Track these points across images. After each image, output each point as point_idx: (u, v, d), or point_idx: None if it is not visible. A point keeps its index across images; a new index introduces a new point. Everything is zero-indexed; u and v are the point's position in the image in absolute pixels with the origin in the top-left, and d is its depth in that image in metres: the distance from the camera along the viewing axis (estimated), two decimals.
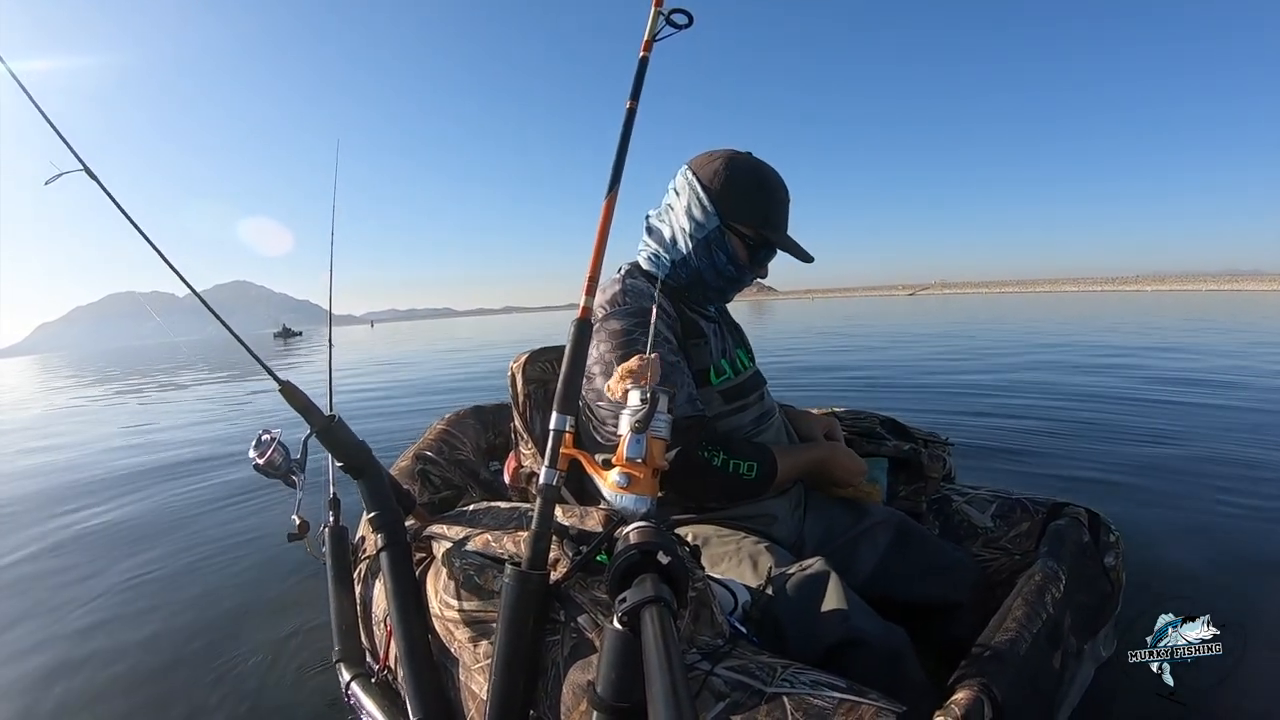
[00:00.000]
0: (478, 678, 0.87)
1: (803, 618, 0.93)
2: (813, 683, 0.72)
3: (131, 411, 8.02)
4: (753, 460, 1.12)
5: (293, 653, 1.69)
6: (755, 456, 1.13)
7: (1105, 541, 1.25)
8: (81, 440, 5.85)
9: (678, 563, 0.66)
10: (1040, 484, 2.67)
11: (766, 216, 1.20)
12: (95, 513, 3.25)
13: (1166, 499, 2.47)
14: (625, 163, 0.94)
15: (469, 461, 1.62)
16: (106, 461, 4.65)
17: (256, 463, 1.14)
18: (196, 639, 1.82)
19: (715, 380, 1.19)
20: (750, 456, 1.12)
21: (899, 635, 0.92)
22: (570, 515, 0.92)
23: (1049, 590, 1.00)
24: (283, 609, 1.95)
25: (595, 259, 0.89)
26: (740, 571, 1.06)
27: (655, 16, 0.95)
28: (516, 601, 0.79)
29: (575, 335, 0.89)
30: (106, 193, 1.03)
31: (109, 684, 1.62)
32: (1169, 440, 3.34)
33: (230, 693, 1.55)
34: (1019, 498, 1.38)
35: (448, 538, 1.02)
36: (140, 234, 1.04)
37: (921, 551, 1.19)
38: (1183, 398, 4.47)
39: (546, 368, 1.40)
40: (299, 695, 1.50)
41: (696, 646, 0.78)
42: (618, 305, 1.16)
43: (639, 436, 0.80)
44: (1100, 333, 10.77)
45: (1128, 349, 7.87)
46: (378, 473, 1.10)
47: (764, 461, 1.13)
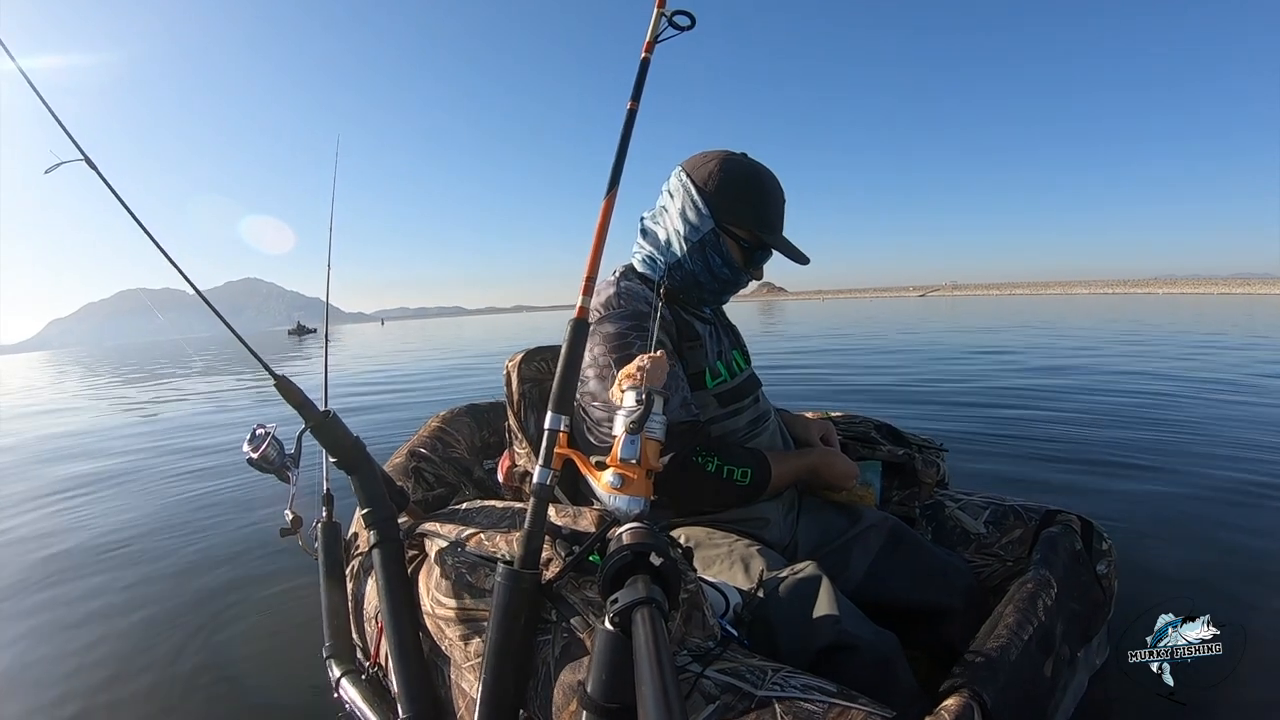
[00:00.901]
0: (468, 676, 0.87)
1: (794, 621, 0.92)
2: (803, 686, 0.72)
3: (129, 404, 7.99)
4: (747, 466, 1.12)
5: (283, 648, 1.69)
6: (749, 462, 1.12)
7: (1098, 549, 1.25)
8: (78, 429, 5.83)
9: (670, 564, 0.66)
10: (1042, 483, 2.68)
11: (762, 218, 1.20)
12: (86, 505, 3.24)
13: (1168, 497, 2.48)
14: (625, 163, 0.93)
15: (463, 459, 1.61)
16: (98, 453, 4.64)
17: (250, 457, 1.13)
18: (185, 632, 1.81)
19: (710, 383, 1.19)
20: (744, 462, 1.12)
21: (890, 640, 0.92)
22: (563, 515, 0.92)
23: (1041, 597, 1.00)
24: (273, 604, 1.94)
25: (593, 258, 0.89)
26: (732, 574, 1.05)
27: (657, 18, 0.95)
28: (508, 600, 0.78)
29: (571, 335, 0.89)
30: (105, 182, 1.03)
31: (97, 676, 1.61)
32: (1171, 439, 3.37)
33: (220, 687, 1.55)
34: (1012, 504, 1.38)
35: (441, 535, 1.02)
36: (139, 225, 1.03)
37: (914, 556, 1.19)
38: (1188, 399, 4.48)
39: (542, 367, 1.40)
40: (289, 691, 1.50)
41: (687, 648, 0.78)
42: (613, 308, 1.15)
43: (633, 437, 0.80)
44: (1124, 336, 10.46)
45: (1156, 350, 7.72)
46: (371, 469, 1.09)
47: (758, 467, 1.13)
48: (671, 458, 1.05)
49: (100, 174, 1.02)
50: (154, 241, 1.04)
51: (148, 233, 1.04)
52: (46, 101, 1.00)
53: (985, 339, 10.49)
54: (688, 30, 0.96)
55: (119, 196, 1.03)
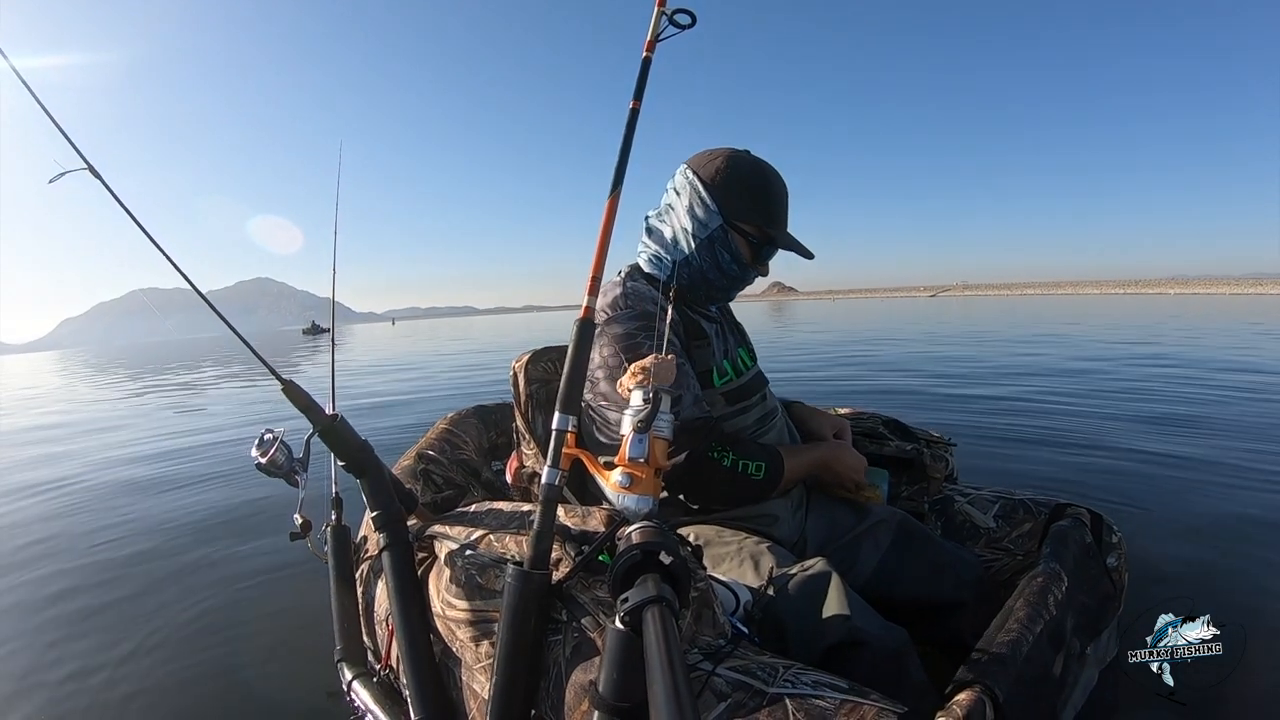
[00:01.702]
0: (480, 677, 0.87)
1: (804, 618, 0.92)
2: (814, 683, 0.72)
3: (130, 410, 8.03)
4: (760, 460, 1.12)
5: (294, 652, 1.69)
6: (763, 457, 1.13)
7: (1108, 542, 1.24)
8: (50, 424, 5.86)
9: (680, 563, 0.65)
10: (1046, 480, 2.67)
11: (769, 213, 1.20)
12: (88, 508, 3.25)
13: (1167, 498, 2.46)
14: (628, 163, 0.93)
15: (471, 461, 1.62)
16: (100, 454, 4.66)
17: (259, 461, 1.14)
18: (197, 634, 1.82)
19: (718, 381, 1.19)
20: (758, 456, 1.12)
21: (900, 636, 0.92)
22: (572, 515, 0.92)
23: (1051, 591, 1.00)
24: (284, 608, 1.95)
25: (598, 258, 0.89)
26: (742, 572, 1.05)
27: (658, 16, 0.95)
28: (518, 601, 0.79)
29: (577, 335, 0.89)
30: (108, 189, 1.03)
31: (105, 679, 1.62)
32: (1175, 438, 3.34)
33: (231, 691, 1.55)
34: (1021, 498, 1.37)
35: (450, 537, 1.03)
36: (141, 229, 1.04)
37: (924, 550, 1.19)
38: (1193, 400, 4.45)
39: (549, 367, 1.40)
40: (300, 694, 1.50)
41: (698, 647, 0.78)
42: (620, 309, 1.15)
43: (641, 436, 0.80)
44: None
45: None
46: (380, 472, 1.10)
47: (771, 461, 1.13)
48: (687, 455, 1.05)
49: (104, 181, 1.03)
50: (156, 246, 1.04)
51: (150, 237, 1.04)
52: (49, 110, 1.00)
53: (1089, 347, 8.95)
54: (688, 29, 0.96)
55: (121, 202, 1.03)
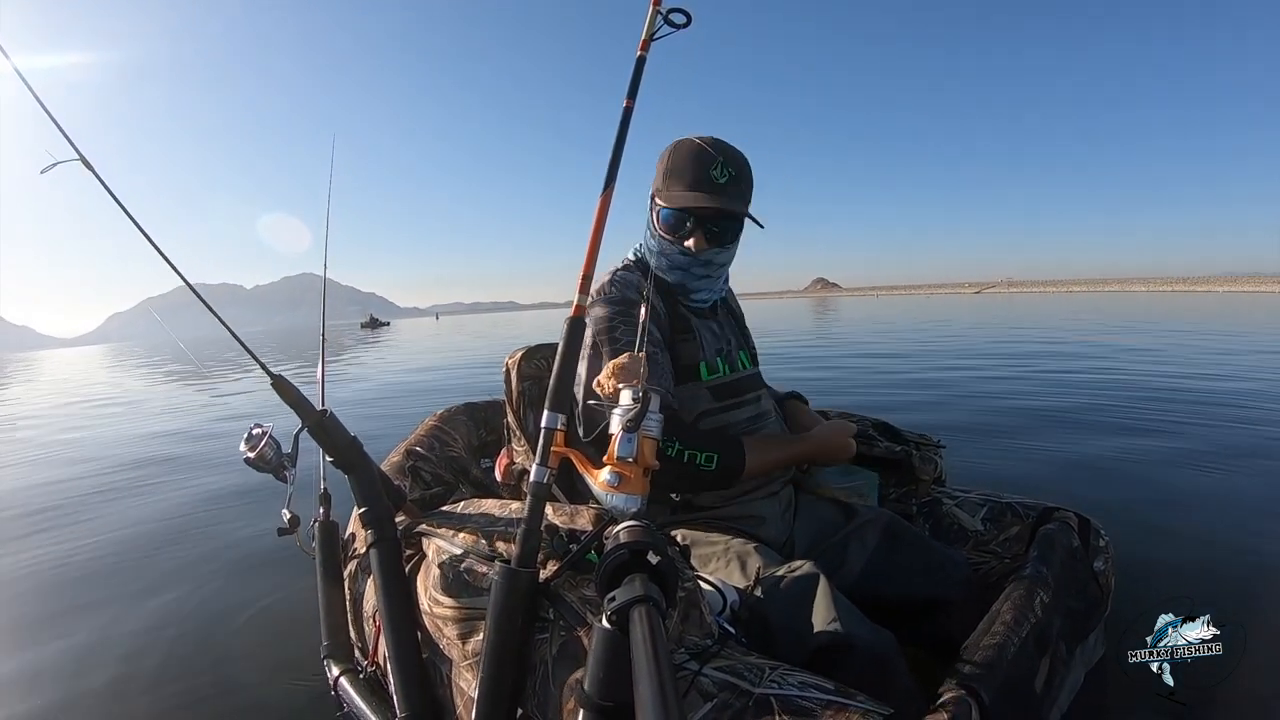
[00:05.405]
0: (466, 675, 0.87)
1: (791, 620, 0.92)
2: (801, 684, 0.72)
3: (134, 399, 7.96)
4: (712, 451, 1.08)
5: (280, 648, 1.68)
6: (715, 447, 1.09)
7: (1095, 546, 1.25)
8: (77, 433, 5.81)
9: (667, 562, 0.65)
10: (1048, 478, 2.68)
11: (682, 181, 1.15)
12: (78, 505, 3.23)
13: (1168, 496, 2.49)
14: (621, 161, 0.93)
15: (460, 458, 1.61)
16: (97, 455, 4.62)
17: (248, 456, 1.13)
18: (182, 630, 1.81)
19: (706, 376, 1.19)
20: (710, 447, 1.08)
21: (887, 639, 0.92)
22: (561, 513, 0.92)
23: (1037, 595, 1.00)
24: (270, 604, 1.94)
25: (589, 256, 0.89)
26: (729, 572, 1.05)
27: (653, 15, 0.95)
28: (506, 599, 0.78)
29: (568, 333, 0.88)
30: (102, 183, 1.02)
31: (92, 676, 1.61)
32: (1178, 436, 3.36)
33: (217, 688, 1.54)
34: (1009, 501, 1.38)
35: (438, 534, 1.02)
36: (133, 221, 1.03)
37: (911, 550, 1.19)
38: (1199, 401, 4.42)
39: (542, 365, 1.40)
40: (286, 691, 1.50)
41: (685, 646, 0.78)
42: (603, 294, 1.17)
43: (630, 435, 0.80)
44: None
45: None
46: (368, 468, 1.09)
47: (725, 452, 1.09)
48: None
49: (97, 174, 1.01)
50: (145, 236, 1.02)
51: (143, 230, 1.02)
52: (43, 103, 0.99)
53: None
54: (684, 28, 0.96)
55: (113, 194, 1.02)
